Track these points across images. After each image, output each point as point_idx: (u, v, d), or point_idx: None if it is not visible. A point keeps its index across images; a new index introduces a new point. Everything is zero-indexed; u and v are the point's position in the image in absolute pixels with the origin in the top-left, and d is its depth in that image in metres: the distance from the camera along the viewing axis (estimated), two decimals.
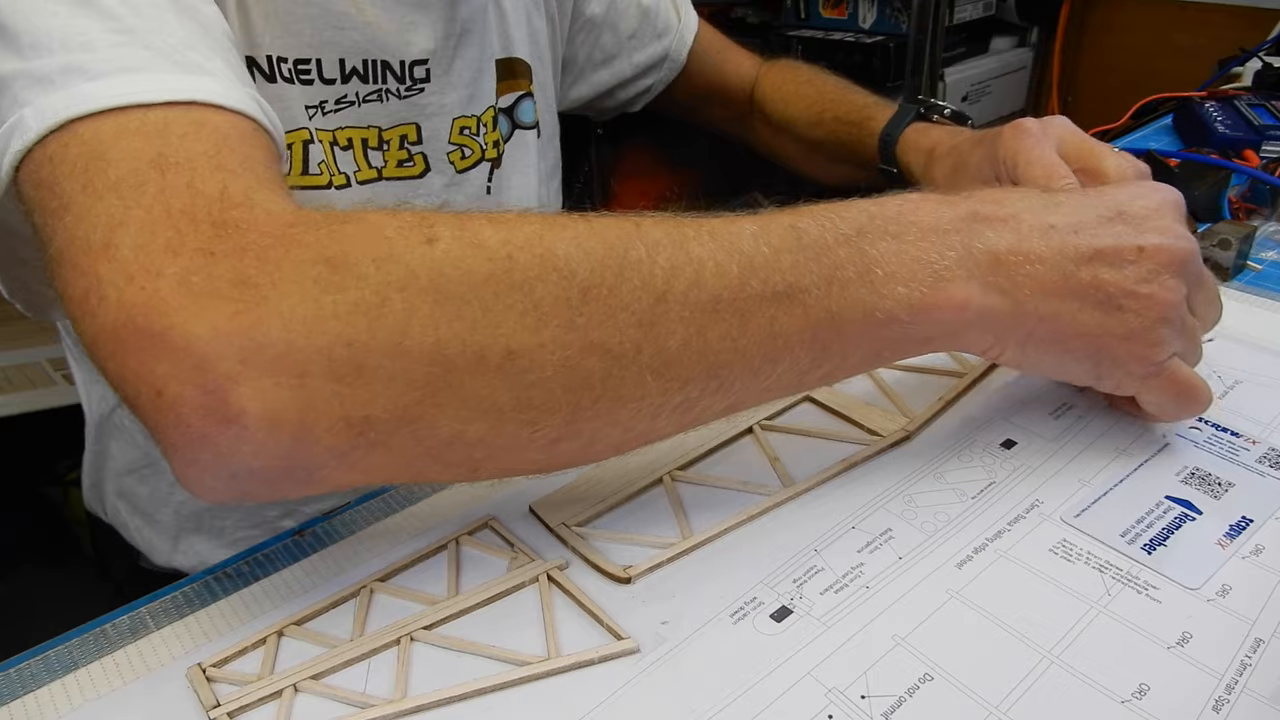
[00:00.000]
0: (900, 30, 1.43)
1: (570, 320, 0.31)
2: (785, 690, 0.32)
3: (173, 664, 0.34)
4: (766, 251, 0.34)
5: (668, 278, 0.32)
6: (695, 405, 0.35)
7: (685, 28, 0.83)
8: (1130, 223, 0.39)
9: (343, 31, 0.54)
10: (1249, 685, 0.31)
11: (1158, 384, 0.40)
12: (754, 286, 0.34)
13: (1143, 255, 0.38)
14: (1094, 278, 0.38)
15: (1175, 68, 1.21)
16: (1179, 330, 0.39)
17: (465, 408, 0.31)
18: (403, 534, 0.40)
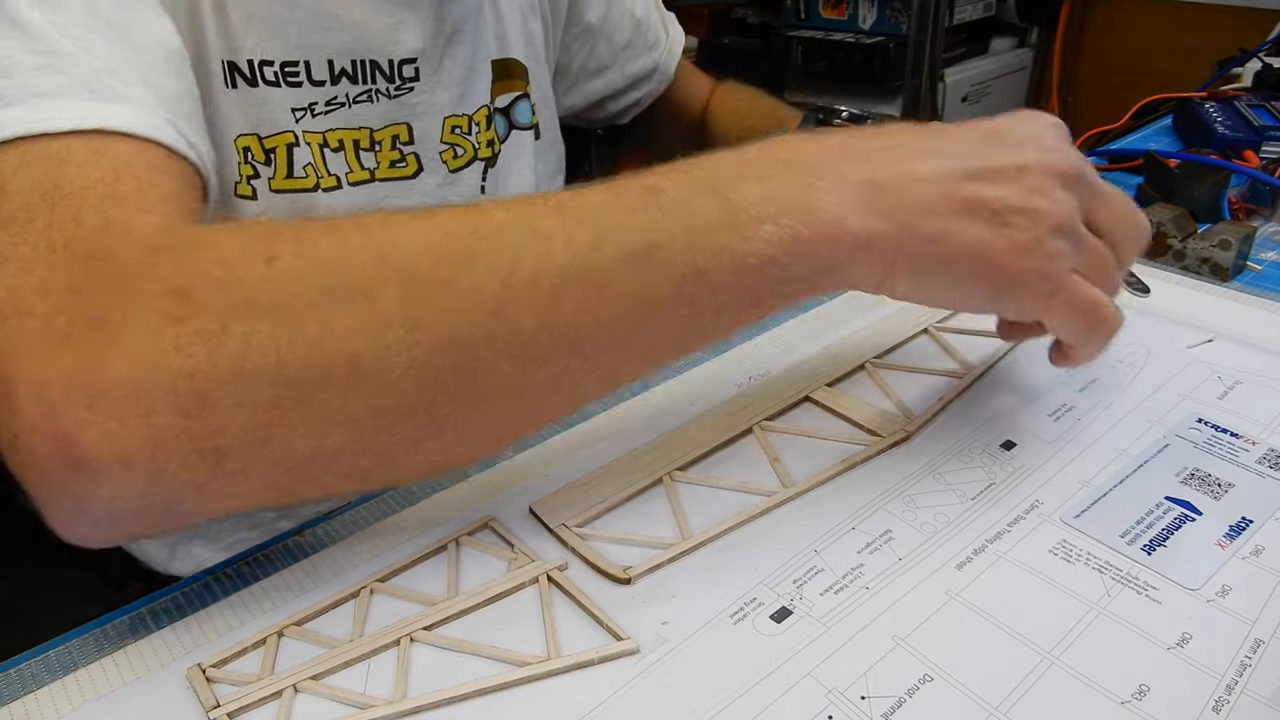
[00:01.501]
0: (900, 31, 1.43)
1: (415, 319, 0.31)
2: (785, 691, 0.32)
3: (173, 664, 0.34)
4: (619, 216, 0.34)
5: (513, 260, 0.32)
6: (562, 384, 0.34)
7: (674, 41, 0.84)
8: (1012, 144, 0.38)
9: (330, 33, 0.54)
10: (1249, 686, 0.31)
11: (1060, 304, 0.38)
12: (607, 253, 0.33)
13: (1024, 172, 0.37)
14: (976, 194, 0.37)
15: (1175, 68, 1.21)
16: (1076, 245, 0.38)
17: (318, 423, 0.31)
18: (402, 534, 0.40)
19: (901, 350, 0.52)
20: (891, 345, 0.52)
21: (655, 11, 0.82)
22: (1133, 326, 0.53)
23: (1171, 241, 0.60)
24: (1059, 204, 0.37)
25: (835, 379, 0.49)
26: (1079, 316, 0.39)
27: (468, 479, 0.43)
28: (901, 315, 0.55)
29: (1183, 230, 0.59)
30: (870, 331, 0.53)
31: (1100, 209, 0.40)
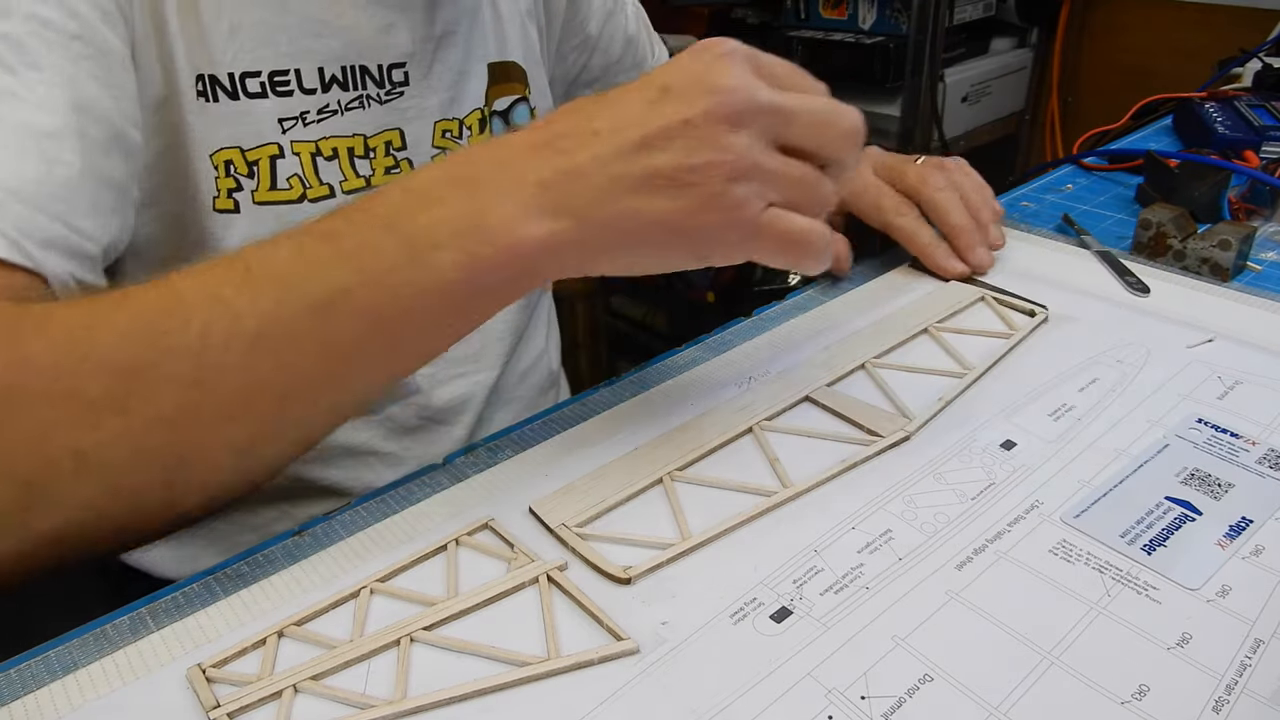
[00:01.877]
0: (900, 31, 1.43)
1: (124, 406, 0.33)
2: (785, 691, 0.32)
3: (173, 664, 0.34)
4: (302, 269, 0.35)
5: (203, 335, 0.34)
6: (285, 429, 0.38)
7: (659, 61, 0.84)
8: (676, 96, 0.37)
9: (321, 39, 0.54)
10: (1249, 686, 0.31)
11: (762, 242, 0.39)
12: (293, 308, 0.35)
13: (689, 126, 0.37)
14: (646, 166, 0.37)
15: (1175, 68, 1.21)
16: (763, 180, 0.38)
17: (61, 510, 0.33)
18: (402, 534, 0.40)
19: (901, 350, 0.52)
20: (891, 345, 0.52)
21: (645, 31, 0.83)
22: (1133, 326, 0.53)
23: (1171, 241, 0.60)
24: (728, 151, 0.36)
25: (835, 379, 0.49)
26: (781, 251, 0.39)
27: (467, 479, 0.43)
28: (901, 315, 0.55)
29: (1183, 230, 0.59)
30: (870, 331, 0.53)
31: (788, 128, 0.38)
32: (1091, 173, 0.78)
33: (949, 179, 0.61)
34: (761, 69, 0.38)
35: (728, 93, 0.37)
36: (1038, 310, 0.54)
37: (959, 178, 0.61)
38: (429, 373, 0.65)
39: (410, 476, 0.44)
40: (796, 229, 0.39)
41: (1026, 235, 0.66)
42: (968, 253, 0.58)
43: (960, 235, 0.59)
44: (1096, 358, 0.50)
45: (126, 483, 0.34)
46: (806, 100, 0.39)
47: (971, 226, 0.59)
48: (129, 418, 0.33)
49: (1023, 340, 0.52)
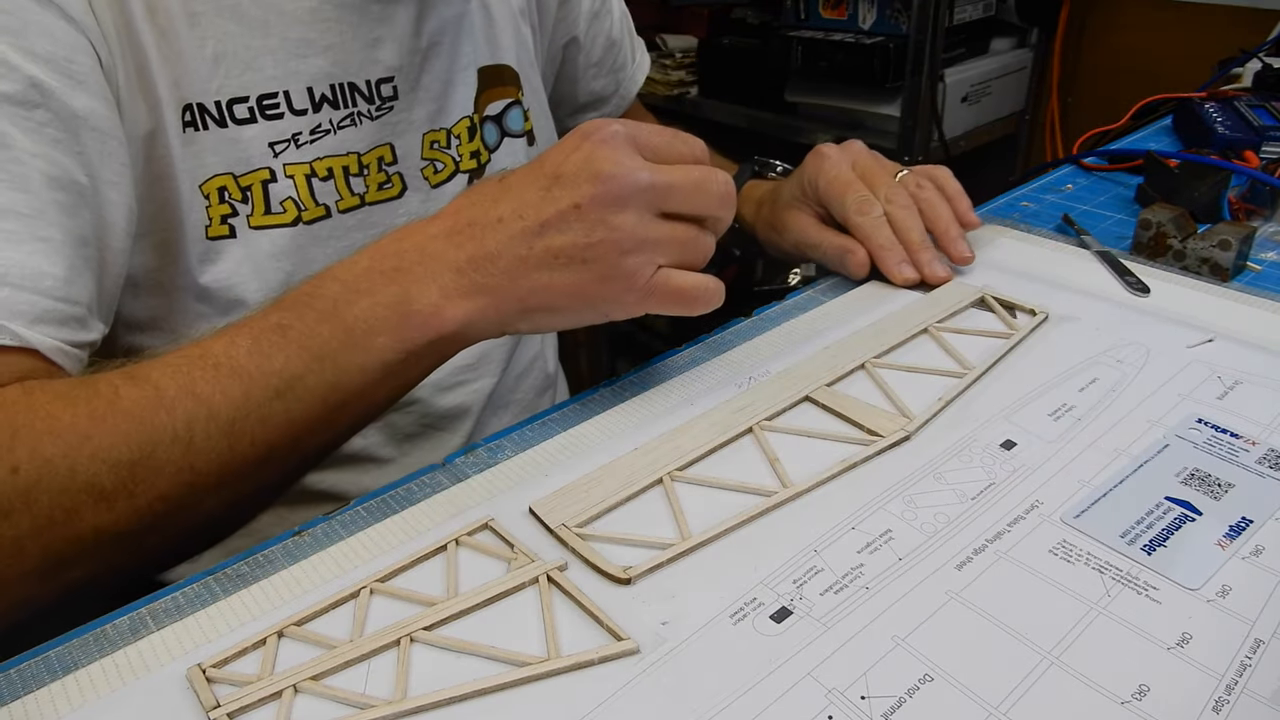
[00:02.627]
0: (900, 31, 1.43)
1: (131, 492, 0.39)
2: (785, 691, 0.32)
3: (173, 664, 0.34)
4: (261, 361, 0.41)
5: (188, 426, 0.40)
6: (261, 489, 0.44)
7: (638, 68, 0.85)
8: (567, 184, 0.43)
9: (307, 59, 0.54)
10: (1249, 686, 0.31)
11: (655, 301, 0.44)
12: (258, 395, 0.41)
13: (580, 211, 0.42)
14: (548, 247, 0.42)
15: (1175, 68, 1.21)
16: (652, 249, 0.43)
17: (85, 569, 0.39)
18: (402, 535, 0.40)
19: (901, 350, 0.52)
20: (891, 345, 0.52)
21: (627, 36, 0.83)
22: (1133, 326, 0.53)
23: (1171, 242, 0.60)
24: (617, 230, 0.42)
25: (835, 379, 0.49)
26: (673, 305, 0.45)
27: (467, 480, 0.43)
28: (901, 315, 0.55)
29: (1183, 230, 0.59)
30: (870, 331, 0.53)
31: (667, 200, 0.43)
32: (1091, 173, 0.78)
33: (920, 194, 0.60)
34: (642, 146, 0.44)
35: (610, 180, 0.42)
36: (1037, 310, 0.54)
37: (930, 193, 0.60)
38: (432, 381, 0.65)
39: (410, 476, 0.44)
40: (685, 285, 0.44)
41: (1026, 235, 0.66)
42: (923, 265, 0.58)
43: (914, 251, 0.58)
44: (1096, 358, 0.50)
45: (137, 544, 0.40)
46: (681, 173, 0.44)
47: (926, 244, 0.58)
48: (136, 500, 0.39)
49: (1023, 340, 0.52)
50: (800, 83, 1.58)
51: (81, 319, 0.45)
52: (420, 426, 0.67)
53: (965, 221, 0.60)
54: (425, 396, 0.66)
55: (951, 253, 0.59)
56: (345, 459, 0.64)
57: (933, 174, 0.62)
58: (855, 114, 1.54)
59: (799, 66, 1.53)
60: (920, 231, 0.58)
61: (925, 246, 0.58)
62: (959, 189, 0.61)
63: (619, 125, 0.43)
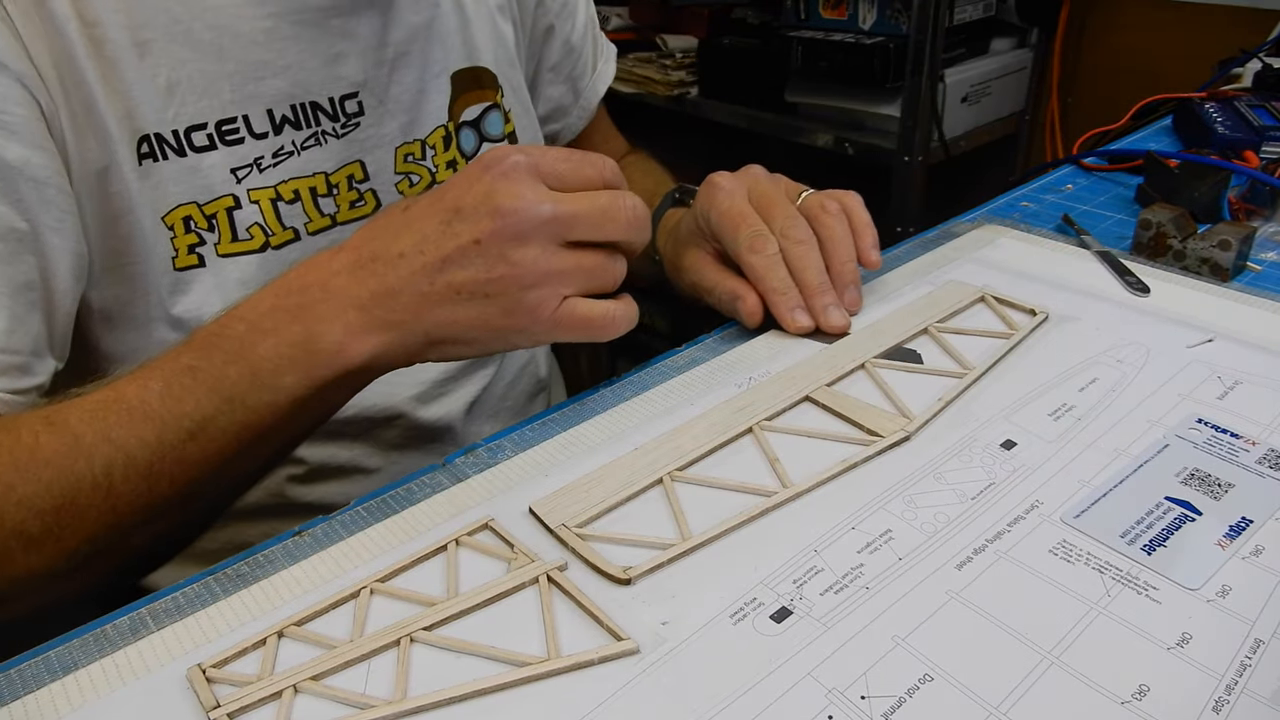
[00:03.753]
0: (900, 31, 1.43)
1: (58, 536, 0.40)
2: (785, 691, 0.32)
3: (173, 664, 0.34)
4: (173, 405, 0.41)
5: (107, 472, 0.40)
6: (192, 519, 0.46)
7: (599, 77, 0.80)
8: (467, 218, 0.42)
9: (265, 81, 0.53)
10: (1249, 686, 0.31)
11: (562, 331, 0.44)
12: (171, 437, 0.41)
13: (480, 246, 0.42)
14: (450, 282, 0.42)
15: (1175, 68, 1.21)
16: (558, 280, 0.43)
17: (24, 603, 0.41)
18: (402, 535, 0.40)
19: (901, 350, 0.52)
20: (891, 345, 0.52)
21: (590, 43, 0.79)
22: (1133, 326, 0.53)
23: (1171, 242, 0.60)
24: (520, 265, 0.42)
25: (835, 379, 0.49)
26: (581, 334, 0.45)
27: (467, 480, 0.43)
28: (901, 315, 0.55)
29: (1183, 230, 0.59)
30: (870, 331, 0.53)
31: (571, 231, 0.43)
32: (1091, 173, 0.78)
33: (822, 223, 0.53)
34: (546, 174, 0.43)
35: (510, 214, 0.41)
36: (1037, 310, 0.54)
37: (832, 222, 0.53)
38: (414, 394, 0.64)
39: (410, 476, 0.44)
40: (593, 315, 0.44)
41: (1026, 235, 0.66)
42: (819, 313, 0.52)
43: (810, 294, 0.52)
44: (1096, 358, 0.50)
45: (71, 580, 0.42)
46: (586, 200, 0.43)
47: (824, 287, 0.52)
48: (63, 543, 0.40)
49: (1023, 340, 0.52)
50: (800, 83, 1.58)
51: (24, 366, 0.46)
52: (406, 438, 0.66)
53: (866, 260, 0.54)
54: (408, 410, 0.65)
55: (845, 299, 0.53)
56: (333, 471, 0.63)
57: (842, 199, 0.56)
58: (855, 114, 1.54)
59: (799, 66, 1.53)
60: (818, 270, 0.53)
61: (823, 289, 0.52)
62: (867, 221, 0.55)
63: (520, 155, 0.43)
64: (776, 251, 0.53)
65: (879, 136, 1.50)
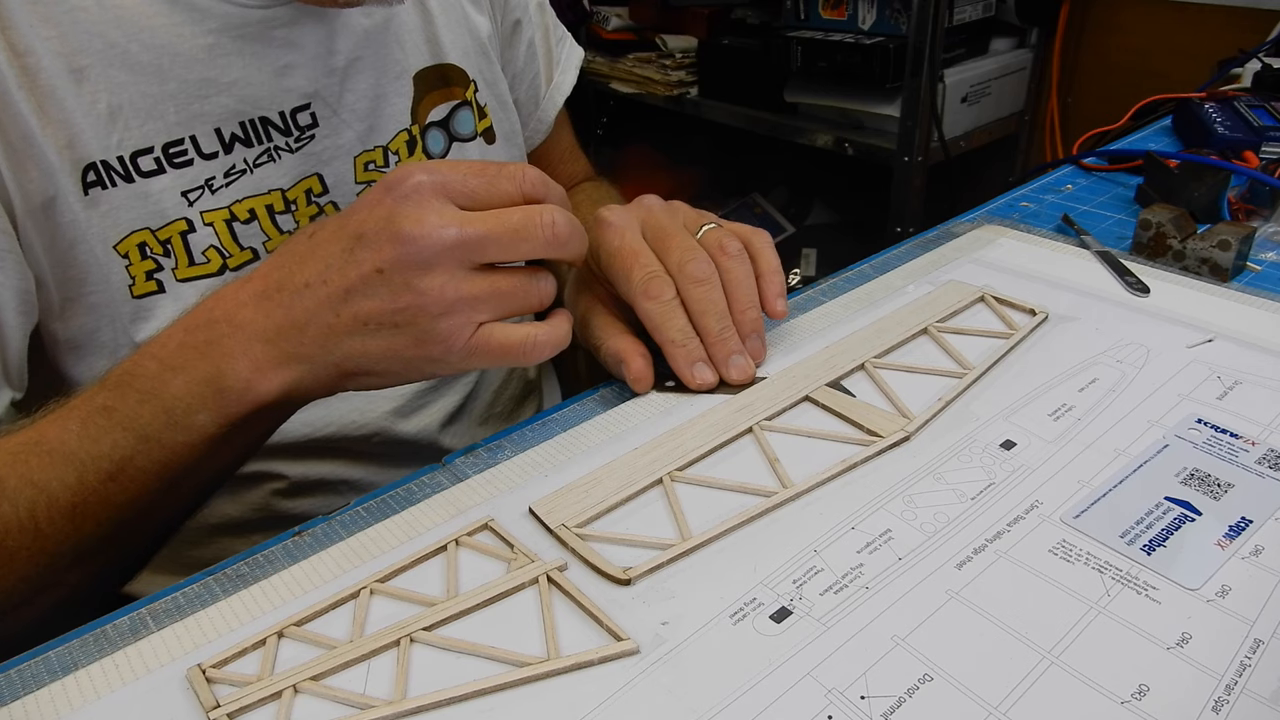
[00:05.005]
0: (900, 31, 1.43)
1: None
2: (785, 691, 0.32)
3: (173, 664, 0.34)
4: (90, 446, 0.41)
5: (31, 514, 0.40)
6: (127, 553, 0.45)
7: (556, 89, 0.77)
8: (369, 245, 0.40)
9: (209, 100, 0.51)
10: (1249, 686, 0.31)
11: (479, 359, 0.42)
12: (91, 479, 0.41)
13: (384, 275, 0.40)
14: (355, 313, 0.40)
15: (1175, 68, 1.21)
16: (469, 307, 0.40)
17: None
18: (402, 535, 0.40)
19: (901, 350, 0.52)
20: (891, 345, 0.52)
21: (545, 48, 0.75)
22: (1133, 326, 0.53)
23: (1171, 242, 0.60)
24: (426, 293, 0.40)
25: (835, 379, 0.49)
26: (500, 360, 0.42)
27: (467, 480, 0.43)
28: (901, 315, 0.55)
29: (1182, 230, 0.60)
30: (870, 331, 0.53)
31: (482, 254, 0.40)
32: (1091, 173, 0.78)
33: (724, 262, 0.48)
34: (455, 193, 0.40)
35: (411, 240, 0.39)
36: (1037, 310, 0.54)
37: (734, 263, 0.48)
38: (391, 407, 0.64)
39: (410, 476, 0.44)
40: (510, 342, 0.42)
41: (1026, 235, 0.66)
42: (721, 364, 0.47)
43: (712, 342, 0.47)
44: (1096, 358, 0.50)
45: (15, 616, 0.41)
46: (496, 220, 0.40)
47: (727, 334, 0.47)
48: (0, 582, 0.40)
49: (1022, 340, 0.52)
50: (800, 83, 1.58)
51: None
52: (387, 453, 0.65)
53: (769, 309, 0.49)
54: (386, 425, 0.64)
55: (747, 349, 0.48)
56: (317, 484, 0.63)
57: (747, 237, 0.50)
58: (855, 114, 1.54)
59: (799, 67, 1.53)
60: (719, 315, 0.47)
61: (725, 337, 0.47)
62: (774, 266, 0.50)
63: (425, 174, 0.40)
64: (674, 296, 0.47)
65: (879, 137, 1.50)
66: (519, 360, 0.43)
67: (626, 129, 2.04)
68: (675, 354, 0.47)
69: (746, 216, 1.90)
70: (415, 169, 0.41)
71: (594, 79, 1.85)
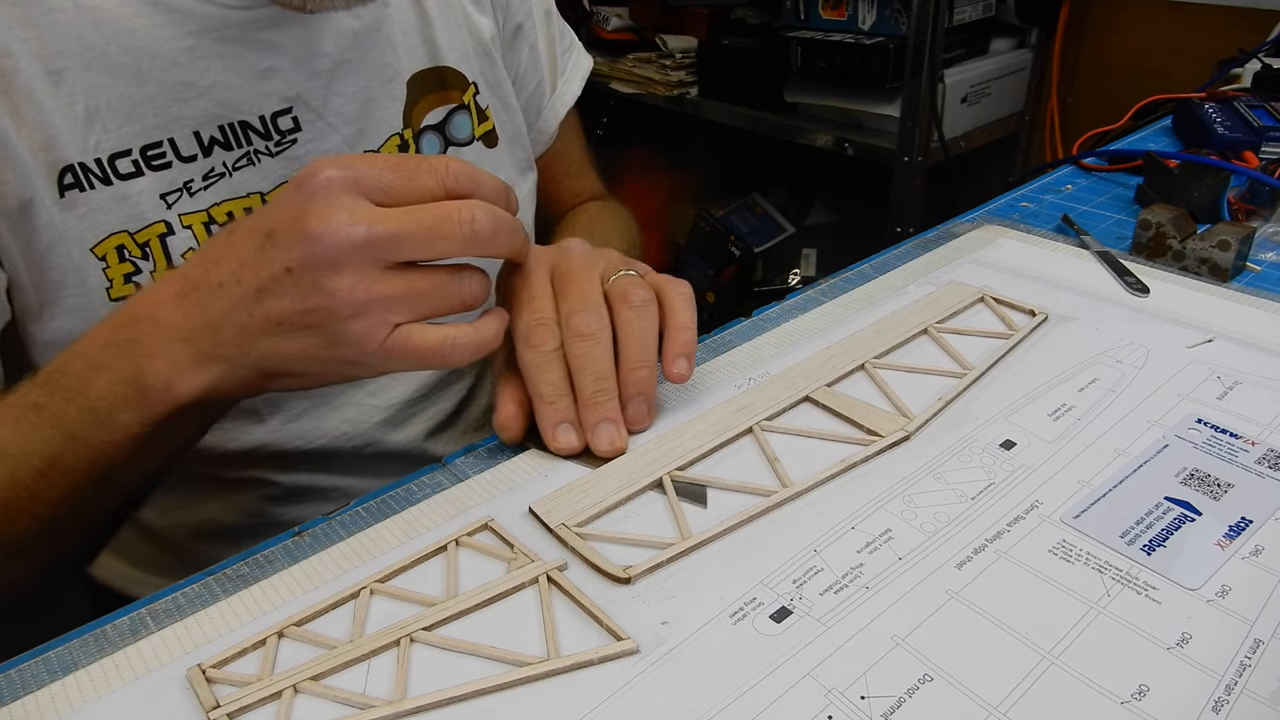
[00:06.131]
0: (900, 31, 1.43)
1: None
2: (785, 691, 0.32)
3: (172, 664, 0.34)
4: (21, 443, 0.41)
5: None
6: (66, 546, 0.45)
7: (559, 98, 0.75)
8: (279, 243, 0.38)
9: (188, 103, 0.51)
10: (1248, 686, 0.31)
11: (397, 362, 0.41)
12: (23, 475, 0.41)
13: (292, 274, 0.38)
14: (268, 314, 0.39)
15: (1175, 69, 1.21)
16: (382, 308, 0.39)
17: None
18: (402, 535, 0.40)
19: (901, 350, 0.52)
20: (891, 345, 0.52)
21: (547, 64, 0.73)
22: (1132, 326, 0.53)
23: (1171, 242, 0.60)
24: (335, 294, 0.38)
25: (835, 379, 0.49)
26: (419, 363, 0.41)
27: (467, 480, 0.43)
28: (901, 315, 0.55)
29: (1182, 231, 0.60)
30: (870, 331, 0.53)
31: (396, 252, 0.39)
32: (1091, 173, 0.78)
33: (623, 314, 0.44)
34: (369, 188, 0.39)
35: (318, 240, 0.37)
36: (1037, 310, 0.54)
37: (632, 316, 0.44)
38: (381, 419, 0.63)
39: (410, 476, 0.44)
40: (428, 344, 0.40)
41: (1026, 235, 0.66)
42: (588, 429, 0.43)
43: (582, 404, 0.43)
44: (1096, 358, 0.50)
45: None
46: (410, 217, 0.39)
47: (601, 397, 0.43)
48: None
49: (1022, 340, 0.52)
50: (800, 83, 1.58)
51: None
52: (382, 462, 0.65)
53: (668, 371, 0.45)
54: (377, 436, 0.63)
55: (628, 413, 0.44)
56: (308, 491, 0.63)
57: (661, 287, 0.47)
58: (855, 114, 1.54)
59: (799, 67, 1.53)
60: (597, 376, 0.43)
61: (597, 400, 0.43)
62: (683, 321, 0.46)
63: (335, 169, 0.38)
64: (556, 347, 0.44)
65: (879, 137, 1.50)
66: (439, 363, 0.41)
67: (626, 129, 2.04)
68: (541, 411, 0.44)
69: (746, 216, 1.90)
70: (327, 163, 0.39)
71: (594, 79, 1.84)
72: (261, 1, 0.51)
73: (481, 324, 0.42)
